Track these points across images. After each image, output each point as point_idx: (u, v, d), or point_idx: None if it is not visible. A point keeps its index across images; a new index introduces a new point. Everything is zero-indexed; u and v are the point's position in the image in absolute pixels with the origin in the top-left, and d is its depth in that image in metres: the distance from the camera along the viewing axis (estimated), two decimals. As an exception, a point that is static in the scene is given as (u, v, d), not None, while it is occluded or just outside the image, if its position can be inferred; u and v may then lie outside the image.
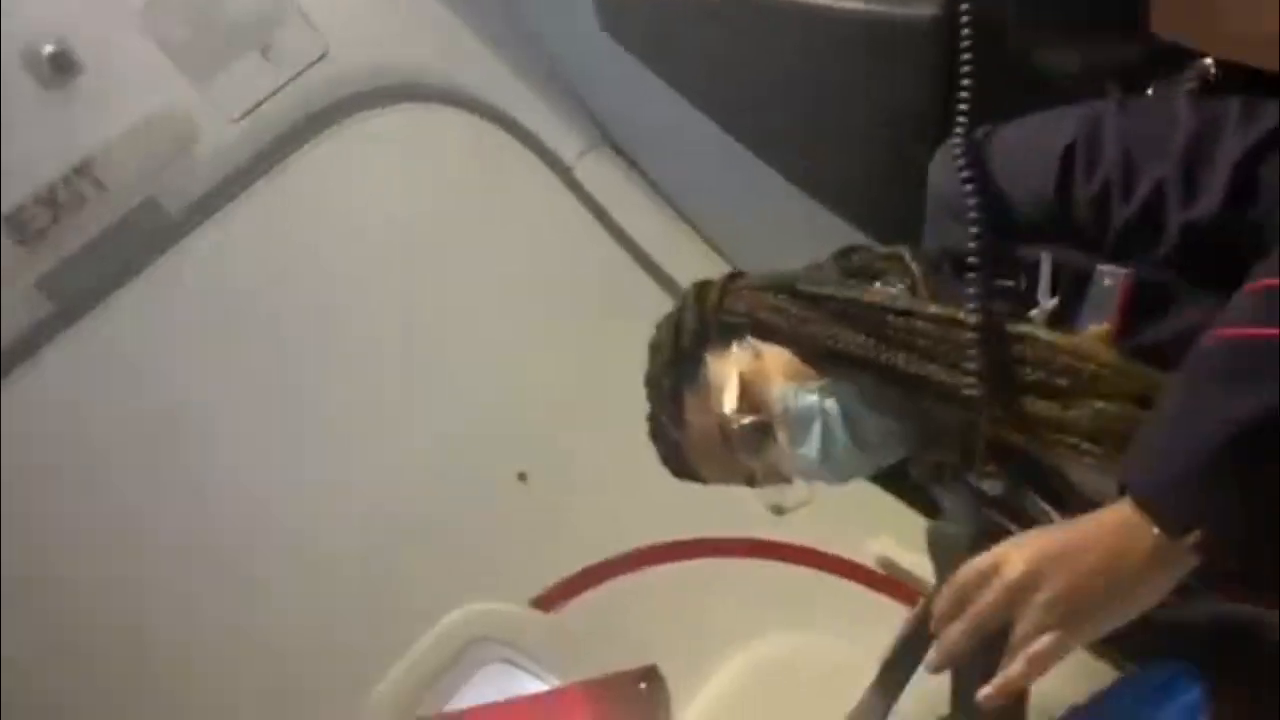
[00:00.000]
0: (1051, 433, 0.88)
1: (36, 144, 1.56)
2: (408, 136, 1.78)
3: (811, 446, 0.97)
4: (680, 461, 1.10)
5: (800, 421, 0.97)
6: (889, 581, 1.44)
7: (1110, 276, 0.85)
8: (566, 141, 1.69)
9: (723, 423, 1.01)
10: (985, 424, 0.91)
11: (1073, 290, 0.87)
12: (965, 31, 0.95)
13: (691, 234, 1.60)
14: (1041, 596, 0.76)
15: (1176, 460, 0.74)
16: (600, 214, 1.66)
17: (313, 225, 1.73)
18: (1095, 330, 0.86)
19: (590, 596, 1.50)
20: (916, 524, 1.32)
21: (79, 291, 1.61)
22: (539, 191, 1.71)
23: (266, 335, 1.70)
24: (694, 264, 1.50)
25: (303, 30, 1.68)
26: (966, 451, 0.98)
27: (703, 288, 1.07)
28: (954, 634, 0.80)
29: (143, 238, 1.63)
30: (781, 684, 1.42)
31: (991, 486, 1.01)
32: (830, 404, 0.96)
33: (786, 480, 1.05)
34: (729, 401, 1.01)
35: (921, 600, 1.32)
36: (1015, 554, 0.78)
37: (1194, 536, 0.72)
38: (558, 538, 1.55)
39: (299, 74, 1.67)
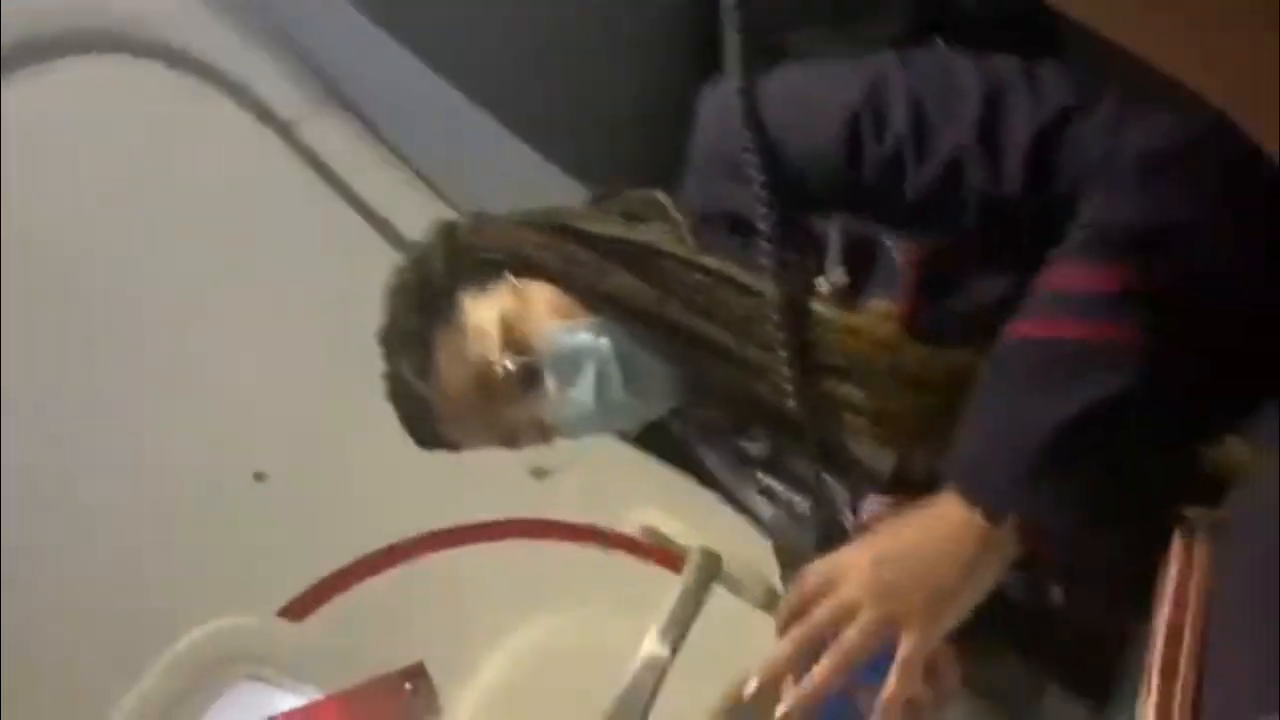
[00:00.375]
0: (829, 408, 0.86)
1: None
2: (108, 92, 1.56)
3: (585, 389, 0.91)
4: (427, 424, 1.00)
5: (573, 362, 0.91)
6: (654, 550, 1.43)
7: (900, 251, 0.83)
8: (288, 100, 1.53)
9: (484, 369, 0.93)
10: (770, 394, 0.88)
11: (861, 262, 0.85)
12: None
13: (427, 192, 1.49)
14: (890, 602, 0.75)
15: (992, 459, 0.76)
16: (328, 175, 1.52)
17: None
18: (881, 308, 0.84)
19: (345, 600, 1.40)
20: (678, 491, 1.32)
21: None
22: (260, 154, 1.55)
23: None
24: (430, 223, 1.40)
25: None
26: (736, 411, 0.97)
27: (451, 226, 0.98)
28: (791, 644, 0.79)
29: None
30: (556, 664, 1.38)
31: (758, 449, 1.00)
32: (604, 343, 0.90)
33: (549, 438, 0.98)
34: (493, 343, 0.92)
35: (692, 562, 1.32)
36: (857, 560, 0.77)
37: (1017, 525, 0.75)
38: (304, 540, 1.43)
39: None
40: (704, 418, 1.00)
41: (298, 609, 1.37)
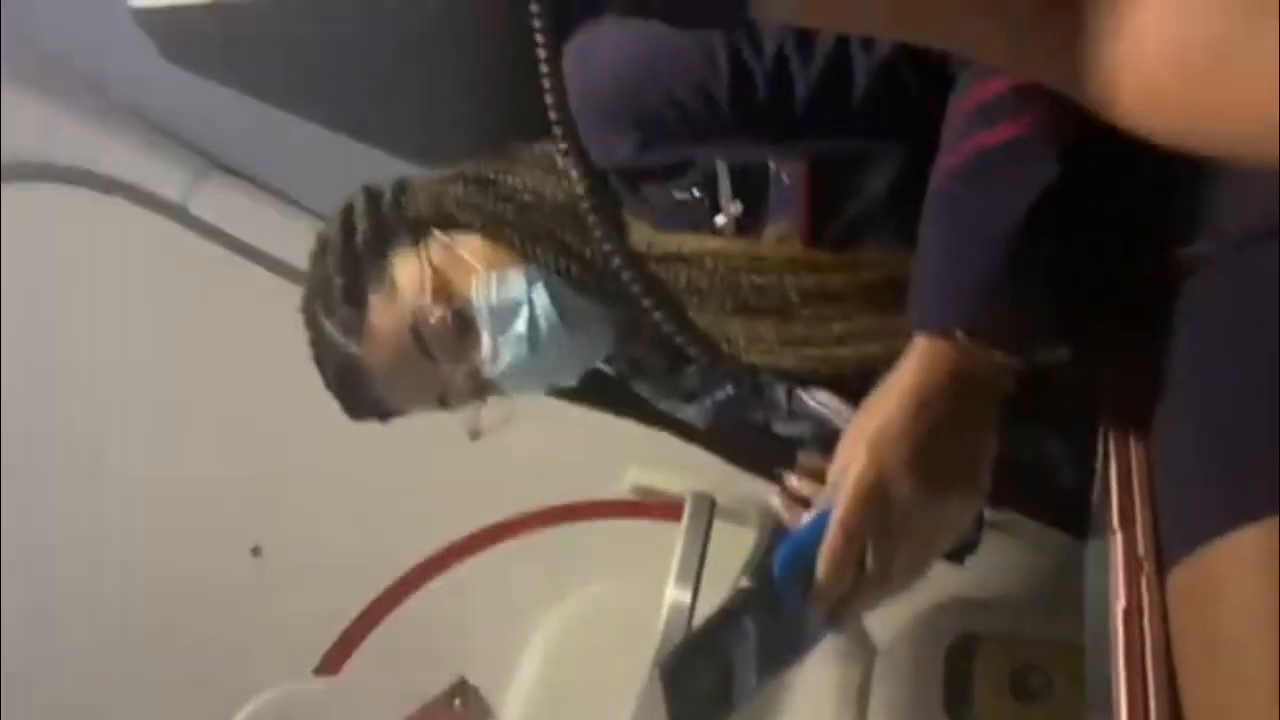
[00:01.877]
0: (745, 345, 0.87)
1: None
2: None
3: (519, 336, 0.91)
4: (359, 387, 0.98)
5: (506, 309, 0.91)
6: (652, 506, 1.45)
7: (787, 172, 0.83)
8: (169, 179, 1.53)
9: (417, 320, 0.93)
10: (680, 343, 0.89)
11: (752, 191, 0.85)
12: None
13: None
14: (909, 501, 0.71)
15: (957, 277, 0.74)
16: (232, 242, 1.53)
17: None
18: (779, 230, 0.84)
19: (371, 644, 1.42)
20: (654, 445, 1.34)
21: None
22: (161, 240, 1.55)
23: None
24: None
25: None
26: (663, 351, 0.96)
27: (372, 190, 0.99)
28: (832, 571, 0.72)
29: None
30: (588, 639, 1.41)
31: (691, 381, 1.00)
32: (538, 291, 0.91)
33: (485, 393, 0.97)
34: (424, 294, 0.92)
35: (688, 509, 1.34)
36: (854, 444, 0.72)
37: (1002, 339, 0.72)
38: (313, 599, 1.45)
39: None
40: (637, 357, 1.00)
41: (331, 663, 1.39)
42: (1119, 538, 0.68)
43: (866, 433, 0.72)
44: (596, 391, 1.06)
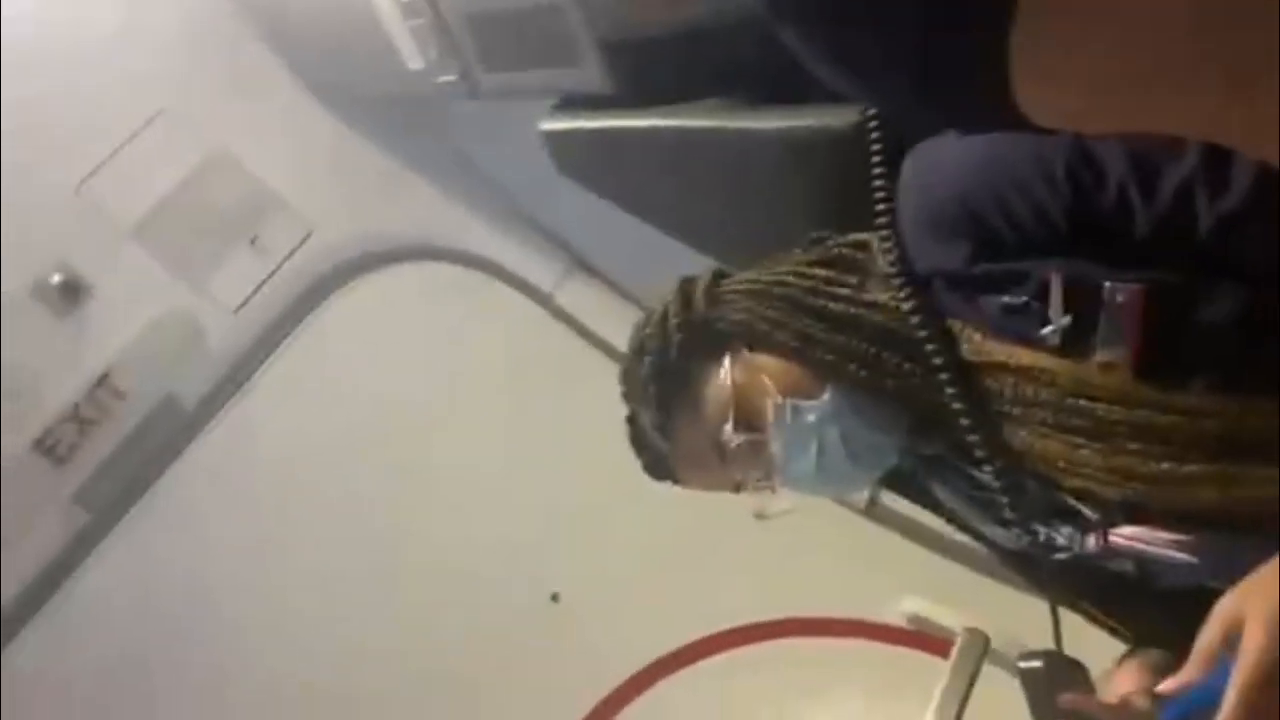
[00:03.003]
0: (1055, 465, 0.87)
1: (55, 367, 1.66)
2: (398, 295, 1.89)
3: (808, 463, 0.96)
4: (664, 469, 1.06)
5: (798, 439, 0.96)
6: (922, 638, 1.46)
7: (1122, 293, 0.81)
8: (544, 272, 1.80)
9: (718, 439, 0.98)
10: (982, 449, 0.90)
11: (1087, 307, 0.83)
12: (875, 136, 0.96)
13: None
14: None
15: None
16: (584, 330, 1.75)
17: (323, 394, 1.83)
18: (1109, 358, 0.83)
19: (635, 707, 1.53)
20: (938, 578, 1.37)
21: (112, 498, 1.70)
22: (527, 322, 1.81)
23: (294, 504, 1.77)
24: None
25: (286, 215, 1.80)
26: (957, 446, 0.95)
27: (688, 297, 1.03)
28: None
29: (164, 435, 1.73)
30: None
31: (988, 480, 0.96)
32: (829, 422, 0.95)
33: (775, 490, 1.02)
34: (727, 420, 0.98)
35: (959, 643, 1.33)
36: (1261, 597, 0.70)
37: None
38: (595, 654, 1.59)
39: (288, 256, 1.79)
40: (932, 454, 1.00)
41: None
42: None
43: (1265, 609, 0.69)
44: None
